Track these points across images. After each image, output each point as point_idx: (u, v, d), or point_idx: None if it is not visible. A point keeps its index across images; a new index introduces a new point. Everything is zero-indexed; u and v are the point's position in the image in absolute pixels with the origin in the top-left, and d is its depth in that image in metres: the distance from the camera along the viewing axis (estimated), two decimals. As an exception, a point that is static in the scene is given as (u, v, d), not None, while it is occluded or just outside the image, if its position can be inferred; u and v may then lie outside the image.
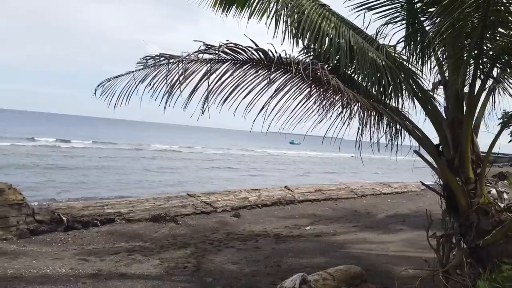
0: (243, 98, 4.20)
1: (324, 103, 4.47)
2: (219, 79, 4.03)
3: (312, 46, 4.95)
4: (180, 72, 3.58)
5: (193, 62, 3.74)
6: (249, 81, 4.25)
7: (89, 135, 58.86)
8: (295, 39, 4.89)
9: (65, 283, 5.38)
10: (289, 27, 4.68)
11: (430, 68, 5.28)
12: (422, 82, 5.08)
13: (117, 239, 8.51)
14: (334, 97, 4.72)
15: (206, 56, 3.79)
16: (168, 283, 5.67)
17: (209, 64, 3.83)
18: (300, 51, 5.31)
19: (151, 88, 3.78)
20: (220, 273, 6.21)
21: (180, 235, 9.08)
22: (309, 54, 5.39)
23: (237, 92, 4.19)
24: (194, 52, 3.57)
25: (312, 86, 4.34)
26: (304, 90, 4.40)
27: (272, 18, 4.71)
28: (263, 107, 4.15)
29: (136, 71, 3.85)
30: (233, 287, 5.61)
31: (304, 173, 34.38)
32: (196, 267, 6.47)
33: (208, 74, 3.76)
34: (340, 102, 4.76)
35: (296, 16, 4.59)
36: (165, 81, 3.69)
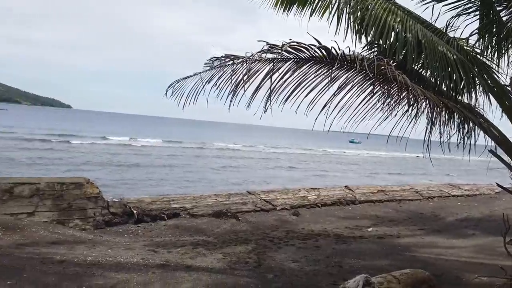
0: (305, 96, 4.20)
1: (388, 100, 4.33)
2: (282, 77, 4.07)
3: (377, 42, 4.82)
4: (244, 72, 3.69)
5: (257, 61, 3.83)
6: (311, 79, 4.24)
7: (158, 134, 62.15)
8: (357, 35, 4.80)
9: (137, 272, 5.76)
10: (352, 23, 4.60)
11: (508, 62, 4.90)
12: (498, 77, 4.74)
13: (182, 232, 8.94)
14: (399, 94, 4.55)
15: (269, 55, 3.87)
16: (231, 277, 5.84)
17: (271, 63, 3.89)
18: (364, 47, 5.21)
19: (217, 88, 3.93)
20: (281, 270, 6.26)
21: (241, 231, 9.30)
22: (373, 50, 5.26)
23: (299, 91, 4.20)
24: (258, 52, 3.66)
25: (376, 83, 4.23)
26: (368, 88, 4.30)
27: (334, 15, 4.65)
28: (325, 105, 4.12)
29: (203, 72, 4.03)
30: (294, 284, 5.63)
31: (369, 173, 33.13)
32: (257, 263, 6.59)
33: (271, 73, 3.83)
34: (406, 99, 4.58)
35: (359, 12, 4.51)
36: (230, 81, 3.82)
